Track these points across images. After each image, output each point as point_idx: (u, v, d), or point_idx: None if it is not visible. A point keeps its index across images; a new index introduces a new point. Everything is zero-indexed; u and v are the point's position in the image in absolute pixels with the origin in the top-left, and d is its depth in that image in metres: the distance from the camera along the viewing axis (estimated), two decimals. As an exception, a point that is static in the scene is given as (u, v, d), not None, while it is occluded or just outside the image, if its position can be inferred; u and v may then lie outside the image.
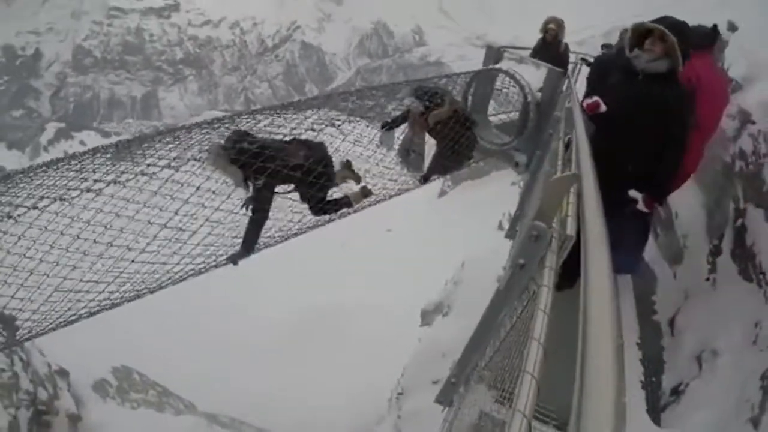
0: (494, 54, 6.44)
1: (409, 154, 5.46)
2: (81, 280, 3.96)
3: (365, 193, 5.05)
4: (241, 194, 4.26)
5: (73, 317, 4.31)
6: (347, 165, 5.00)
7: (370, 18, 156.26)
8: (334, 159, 4.79)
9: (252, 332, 26.92)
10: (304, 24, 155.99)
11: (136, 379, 13.55)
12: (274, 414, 17.72)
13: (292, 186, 4.53)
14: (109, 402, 11.31)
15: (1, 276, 3.81)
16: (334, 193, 4.97)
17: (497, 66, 6.22)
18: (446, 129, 5.33)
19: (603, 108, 3.95)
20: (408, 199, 6.09)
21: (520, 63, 6.17)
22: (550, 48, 8.41)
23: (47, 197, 3.77)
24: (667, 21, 3.77)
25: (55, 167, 4.02)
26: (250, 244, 4.34)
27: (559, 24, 8.63)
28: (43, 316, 4.19)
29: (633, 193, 3.98)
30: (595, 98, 3.99)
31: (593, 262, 1.19)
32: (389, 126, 5.37)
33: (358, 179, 5.08)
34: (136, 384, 13.35)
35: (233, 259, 4.38)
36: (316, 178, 4.38)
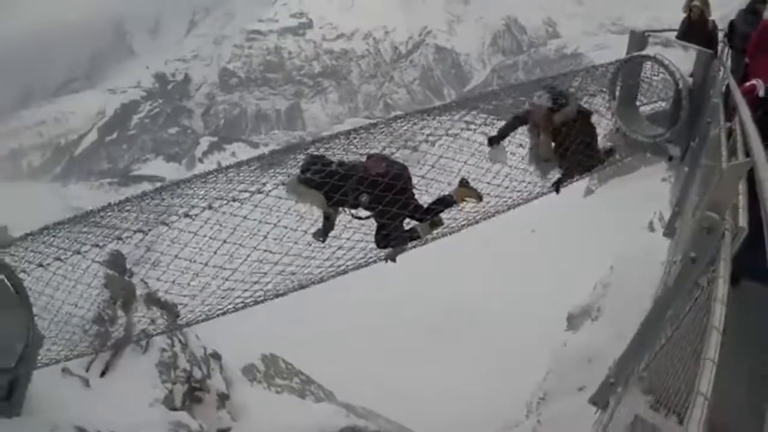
0: (639, 40, 6.04)
1: (541, 159, 5.21)
2: (229, 279, 4.45)
3: (435, 224, 4.86)
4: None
5: (226, 310, 4.83)
6: (463, 183, 4.83)
7: (499, 14, 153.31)
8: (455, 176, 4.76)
9: (394, 327, 27.68)
10: (434, 28, 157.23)
11: (282, 366, 14.49)
12: (410, 410, 18.05)
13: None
14: (255, 386, 12.16)
15: (167, 269, 4.44)
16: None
17: (644, 53, 5.84)
18: (573, 130, 5.05)
19: (761, 91, 3.53)
20: (552, 198, 5.87)
21: (666, 47, 5.74)
22: (697, 28, 7.70)
23: (221, 198, 4.27)
24: None
25: (225, 174, 4.51)
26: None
27: (705, 1, 7.88)
28: (201, 307, 4.76)
29: None
30: (753, 81, 3.58)
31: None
32: (497, 140, 5.12)
33: (478, 197, 4.88)
34: (281, 371, 14.27)
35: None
36: (394, 194, 4.34)
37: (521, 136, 5.31)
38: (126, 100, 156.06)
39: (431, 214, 4.81)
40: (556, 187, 5.35)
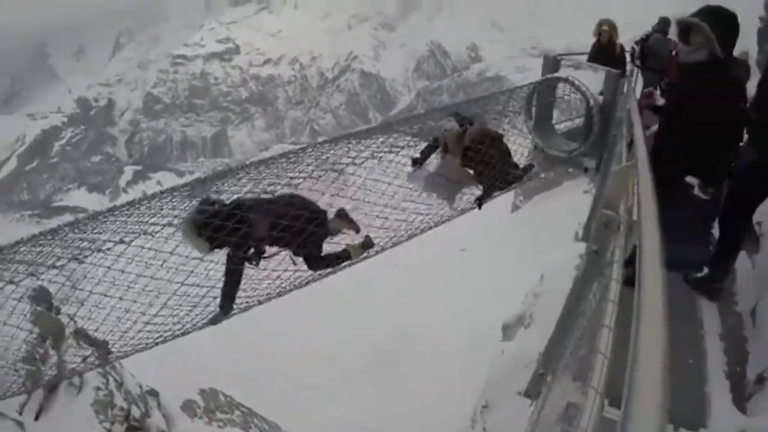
0: (551, 63, 6.55)
1: (445, 180, 5.35)
2: (157, 315, 4.44)
3: (366, 245, 4.93)
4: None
5: (156, 342, 4.80)
6: (341, 214, 4.89)
7: (424, 40, 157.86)
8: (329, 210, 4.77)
9: (334, 351, 27.44)
10: (360, 53, 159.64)
11: (222, 400, 14.11)
12: (358, 434, 17.99)
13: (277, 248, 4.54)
14: (196, 421, 11.83)
15: (93, 304, 4.40)
16: (332, 244, 4.89)
17: (556, 75, 6.34)
18: (484, 149, 5.25)
19: (658, 100, 4.00)
20: (480, 216, 6.15)
21: (578, 69, 6.27)
22: (606, 50, 8.46)
23: (133, 232, 4.28)
24: (705, 11, 3.82)
25: (136, 206, 4.51)
26: (225, 306, 4.54)
27: (612, 26, 8.71)
28: (131, 341, 4.71)
29: (689, 179, 3.90)
30: (649, 89, 4.06)
31: (647, 250, 1.36)
32: (419, 162, 5.30)
33: (356, 229, 4.94)
34: (221, 405, 13.89)
35: (213, 321, 4.60)
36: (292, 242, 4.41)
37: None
38: (47, 125, 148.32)
39: (322, 266, 4.82)
40: (479, 203, 5.61)
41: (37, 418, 6.93)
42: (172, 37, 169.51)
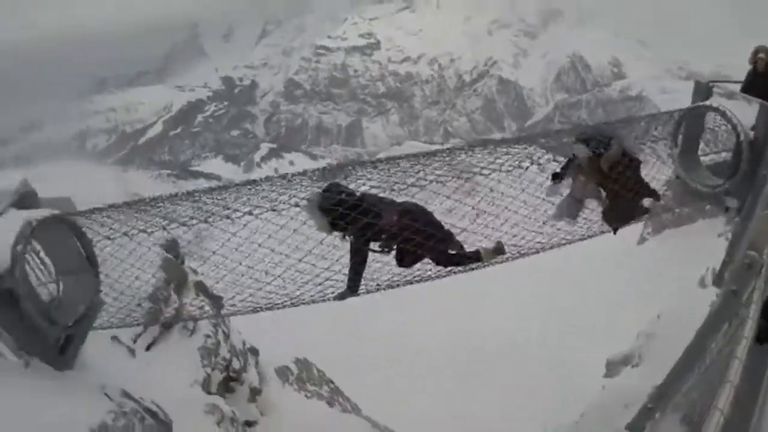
0: (703, 89, 6.07)
1: (579, 202, 5.26)
2: (270, 284, 4.73)
3: (498, 251, 4.94)
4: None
5: (264, 308, 5.11)
6: (498, 249, 4.94)
7: (565, 51, 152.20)
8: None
9: (432, 356, 27.65)
10: (500, 59, 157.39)
11: (314, 372, 14.69)
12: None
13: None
14: (287, 387, 12.36)
15: (216, 264, 4.77)
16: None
17: (707, 103, 5.87)
18: (623, 171, 5.07)
19: None
20: (605, 244, 5.86)
21: (730, 98, 5.75)
22: (762, 80, 7.63)
23: (261, 206, 4.58)
24: None
25: (269, 183, 4.81)
26: (352, 286, 4.69)
27: None
28: (242, 303, 5.06)
29: None
30: None
31: None
32: (560, 177, 5.22)
33: (503, 252, 4.98)
34: (313, 377, 14.47)
35: (341, 297, 4.76)
36: (407, 243, 4.48)
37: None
38: (193, 98, 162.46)
39: (451, 263, 4.91)
40: (615, 228, 5.38)
41: (148, 349, 7.67)
42: (317, 28, 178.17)
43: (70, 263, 5.08)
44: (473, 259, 4.95)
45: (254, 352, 11.11)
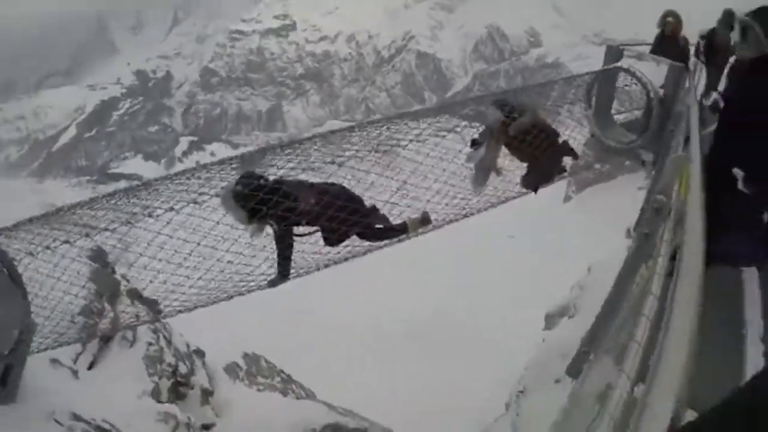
0: (614, 53, 6.40)
1: (487, 169, 5.33)
2: (201, 278, 4.68)
3: (424, 221, 5.04)
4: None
5: (203, 304, 5.06)
6: (424, 219, 5.04)
7: (482, 22, 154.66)
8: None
9: (372, 332, 27.92)
10: (417, 33, 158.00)
11: (263, 365, 14.55)
12: (389, 410, 18.28)
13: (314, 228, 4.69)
14: (238, 383, 12.22)
15: (145, 266, 4.66)
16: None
17: (618, 64, 6.19)
18: (529, 140, 5.21)
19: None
20: (531, 205, 6.11)
21: (640, 60, 6.11)
22: (670, 42, 8.19)
23: (183, 200, 4.48)
24: (760, 10, 3.69)
25: (188, 176, 4.70)
26: (283, 272, 4.75)
27: (677, 18, 8.42)
28: (178, 302, 4.98)
29: (736, 170, 3.77)
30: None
31: (689, 242, 1.37)
32: (478, 144, 5.30)
33: (429, 222, 5.10)
34: (263, 370, 14.33)
35: (272, 283, 4.84)
36: (331, 222, 4.51)
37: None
38: (106, 96, 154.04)
39: (378, 238, 5.00)
40: (535, 188, 5.59)
41: (90, 368, 7.37)
42: (230, 12, 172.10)
43: (-6, 289, 4.78)
44: (400, 231, 5.04)
45: (200, 353, 10.88)
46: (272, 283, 4.84)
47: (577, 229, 30.17)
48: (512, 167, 5.49)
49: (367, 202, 4.89)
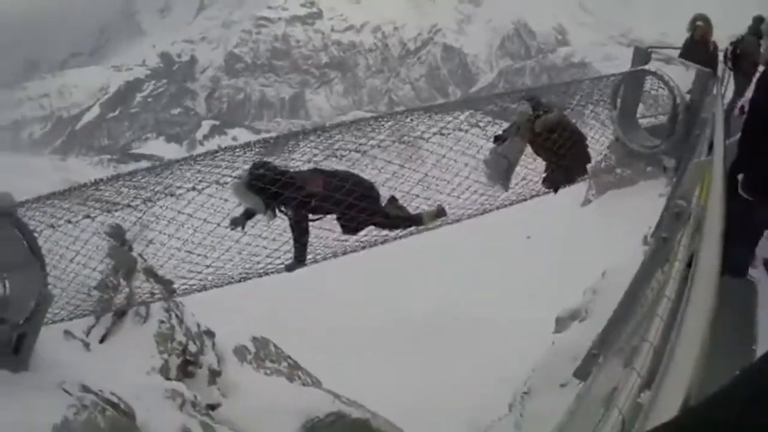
0: (642, 55, 6.30)
1: (501, 159, 5.23)
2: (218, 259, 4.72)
3: (439, 213, 5.04)
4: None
5: (216, 285, 5.10)
6: (392, 201, 4.99)
7: (510, 18, 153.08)
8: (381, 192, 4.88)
9: (382, 326, 27.92)
10: (444, 26, 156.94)
11: (271, 350, 14.64)
12: (394, 403, 18.31)
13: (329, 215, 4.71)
14: (246, 366, 12.32)
15: (163, 244, 4.72)
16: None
17: (645, 67, 6.09)
18: (554, 138, 5.17)
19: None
20: (549, 206, 6.07)
21: (668, 63, 6.02)
22: (699, 47, 8.06)
23: (205, 181, 4.53)
24: None
25: (211, 157, 4.74)
26: (299, 257, 4.76)
27: (707, 22, 8.27)
28: (193, 281, 5.03)
29: (739, 175, 3.48)
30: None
31: (706, 245, 1.35)
32: (502, 139, 5.26)
33: (444, 214, 5.06)
34: (271, 354, 14.42)
35: (289, 268, 4.85)
36: (341, 205, 4.54)
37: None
38: (130, 77, 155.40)
39: (393, 226, 5.00)
40: (555, 189, 5.54)
41: (102, 341, 7.50)
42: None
43: (14, 258, 4.87)
44: (415, 221, 5.05)
45: (210, 334, 11.00)
46: (289, 268, 4.87)
47: (594, 233, 29.90)
48: (534, 165, 5.45)
49: (388, 193, 4.93)
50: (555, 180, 5.46)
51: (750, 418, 0.77)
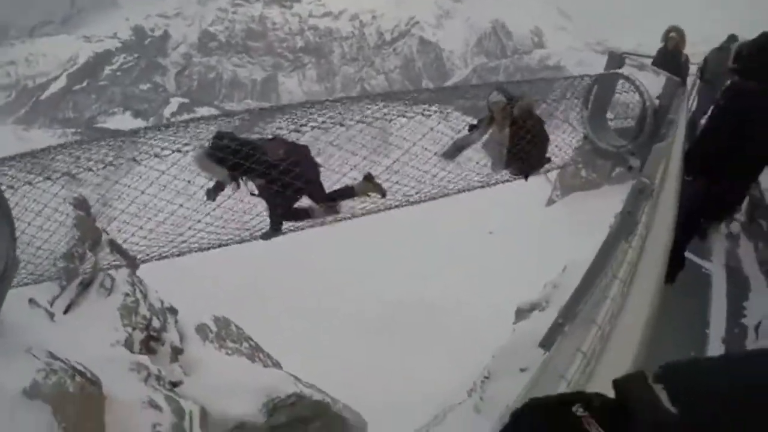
0: (616, 60, 6.55)
1: (497, 147, 5.49)
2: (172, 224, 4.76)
3: (368, 177, 5.07)
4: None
5: (174, 252, 5.11)
6: (368, 178, 5.08)
7: (488, 17, 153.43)
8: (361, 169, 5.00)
9: (345, 311, 28.09)
10: (422, 20, 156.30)
11: (233, 330, 14.68)
12: (354, 390, 18.52)
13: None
14: (207, 345, 12.35)
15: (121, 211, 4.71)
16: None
17: (619, 71, 6.33)
18: (530, 123, 5.37)
19: None
20: (513, 204, 6.24)
21: (641, 69, 6.28)
22: (671, 57, 8.40)
23: (168, 149, 4.54)
24: (759, 40, 3.88)
25: (174, 128, 4.77)
26: (274, 226, 4.90)
27: (681, 34, 8.64)
28: (153, 249, 5.04)
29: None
30: None
31: (660, 218, 1.48)
32: (474, 128, 5.46)
33: (382, 193, 5.12)
34: (232, 334, 14.47)
35: (264, 236, 4.97)
36: (288, 176, 4.59)
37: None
38: (100, 49, 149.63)
39: (329, 200, 5.07)
40: (525, 175, 5.72)
41: (66, 312, 7.43)
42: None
43: (-19, 219, 4.79)
44: (348, 194, 5.12)
45: (173, 311, 10.98)
46: (265, 236, 4.96)
47: (557, 232, 30.51)
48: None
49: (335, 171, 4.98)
50: (526, 166, 5.64)
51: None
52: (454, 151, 5.44)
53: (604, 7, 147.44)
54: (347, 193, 5.05)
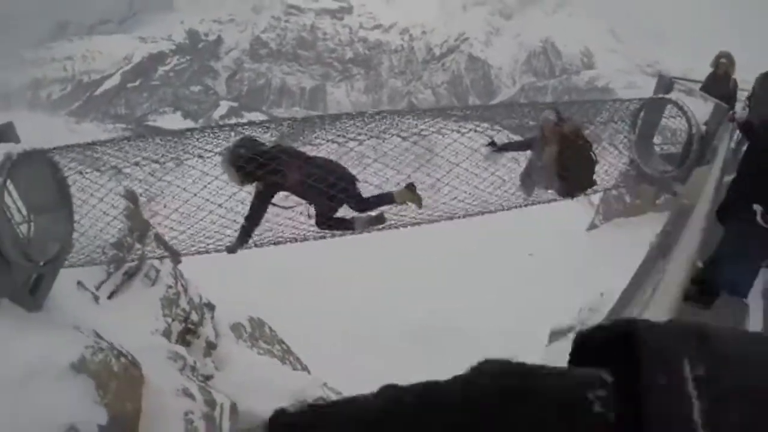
0: (665, 84, 6.51)
1: (537, 170, 5.49)
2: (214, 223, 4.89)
3: (410, 187, 4.95)
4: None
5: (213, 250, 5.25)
6: (409, 187, 5.00)
7: (538, 35, 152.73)
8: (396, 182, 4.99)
9: (380, 324, 28.14)
10: (472, 36, 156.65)
11: (266, 331, 14.94)
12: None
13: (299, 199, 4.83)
14: (241, 343, 12.57)
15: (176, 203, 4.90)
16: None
17: (667, 96, 6.28)
18: (580, 142, 5.37)
19: None
20: (555, 227, 6.22)
21: (689, 95, 6.22)
22: (720, 83, 8.25)
23: (212, 151, 4.74)
24: None
25: (219, 131, 4.95)
26: (241, 240, 4.83)
27: (731, 59, 8.47)
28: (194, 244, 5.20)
29: (756, 206, 3.47)
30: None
31: (688, 234, 1.53)
32: (499, 147, 5.46)
33: (419, 203, 5.01)
34: (265, 336, 14.73)
35: (230, 250, 4.94)
36: (323, 195, 4.63)
37: (520, 155, 5.70)
38: (155, 50, 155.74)
39: (368, 207, 5.05)
40: (571, 194, 5.71)
41: (110, 297, 7.76)
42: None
43: (44, 201, 5.08)
44: (388, 200, 5.06)
45: (210, 307, 11.26)
46: (230, 249, 4.94)
47: (597, 257, 29.90)
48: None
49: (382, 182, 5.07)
50: (572, 187, 5.63)
51: None
52: (499, 148, 5.48)
53: (657, 28, 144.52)
54: (386, 199, 5.01)
